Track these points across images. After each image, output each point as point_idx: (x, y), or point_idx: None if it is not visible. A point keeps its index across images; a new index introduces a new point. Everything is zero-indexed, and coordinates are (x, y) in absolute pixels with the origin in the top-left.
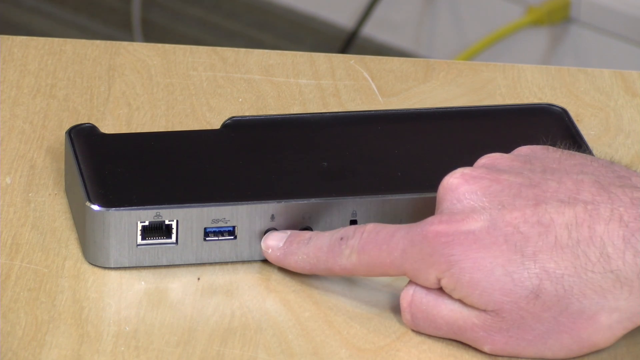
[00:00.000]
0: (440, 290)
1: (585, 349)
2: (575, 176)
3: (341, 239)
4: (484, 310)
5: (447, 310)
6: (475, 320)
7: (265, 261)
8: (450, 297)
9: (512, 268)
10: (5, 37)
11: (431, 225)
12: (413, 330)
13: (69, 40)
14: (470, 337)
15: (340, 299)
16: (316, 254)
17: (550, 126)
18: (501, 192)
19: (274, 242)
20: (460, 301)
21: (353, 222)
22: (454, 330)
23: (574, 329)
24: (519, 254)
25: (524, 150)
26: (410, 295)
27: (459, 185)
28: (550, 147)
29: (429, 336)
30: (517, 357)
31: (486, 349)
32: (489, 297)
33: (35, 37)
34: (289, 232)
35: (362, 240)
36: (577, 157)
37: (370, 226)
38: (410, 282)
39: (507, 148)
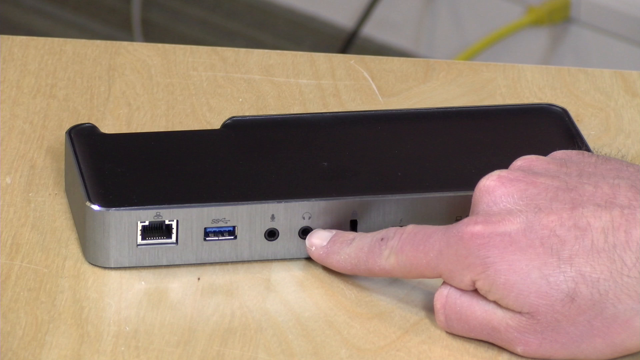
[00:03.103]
0: (475, 291)
1: (618, 353)
2: (611, 180)
3: (382, 239)
4: (519, 312)
5: (481, 311)
6: (509, 322)
7: (265, 261)
8: (484, 298)
9: (548, 271)
10: (5, 37)
11: (467, 227)
12: (448, 333)
13: (69, 40)
14: (504, 339)
15: (340, 299)
16: (357, 255)
17: (550, 126)
18: (538, 195)
19: (318, 241)
20: (495, 303)
21: (353, 222)
22: (487, 331)
23: (608, 333)
24: (555, 257)
25: (559, 154)
26: (444, 297)
27: (496, 188)
28: (585, 152)
29: (429, 336)
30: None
31: (519, 350)
32: (524, 300)
33: (35, 37)
34: (334, 231)
35: (401, 241)
36: (613, 162)
37: (410, 227)
38: (444, 283)
39: (507, 148)
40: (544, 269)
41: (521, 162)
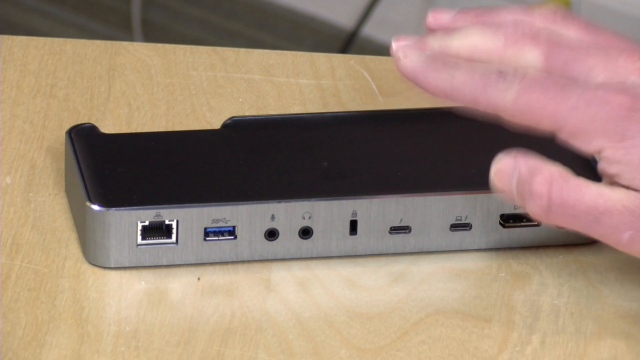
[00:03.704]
0: (580, 177)
1: None
2: None
3: (500, 72)
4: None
5: (591, 194)
6: (626, 202)
7: (265, 261)
8: (594, 182)
9: None
10: (5, 37)
11: (616, 95)
12: (545, 222)
13: (69, 40)
14: (613, 223)
15: (340, 299)
16: (464, 79)
17: None
18: None
19: (413, 52)
20: (607, 185)
21: (353, 222)
22: (593, 216)
23: None
24: None
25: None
26: (548, 181)
27: None
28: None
29: (429, 336)
30: None
31: (626, 236)
32: None
33: (35, 37)
34: (425, 44)
35: (527, 80)
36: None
37: (535, 70)
38: (546, 166)
39: (507, 148)
40: None
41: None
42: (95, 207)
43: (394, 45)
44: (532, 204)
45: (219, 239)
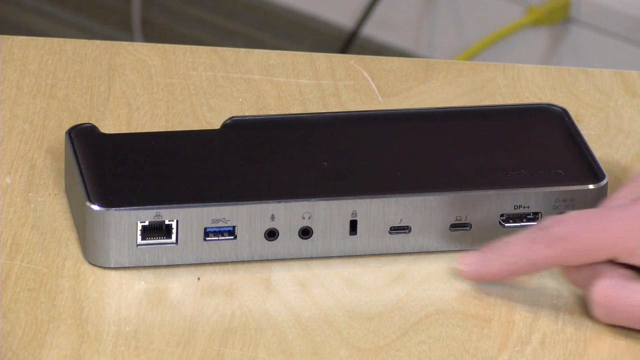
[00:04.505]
0: (635, 279)
1: None
2: None
3: (542, 230)
4: None
5: None
6: None
7: (265, 261)
8: None
9: None
10: (5, 37)
11: None
12: (607, 323)
13: (69, 40)
14: None
15: (340, 299)
16: (517, 252)
17: (550, 126)
18: None
19: (470, 259)
20: None
21: (353, 222)
22: None
23: None
24: None
25: None
26: (605, 289)
27: None
28: None
29: (429, 336)
30: None
31: None
32: None
33: (35, 37)
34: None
35: (567, 225)
36: None
37: (572, 213)
38: (601, 276)
39: (507, 148)
40: None
41: None
42: (95, 207)
43: (461, 265)
44: (595, 311)
45: (218, 239)
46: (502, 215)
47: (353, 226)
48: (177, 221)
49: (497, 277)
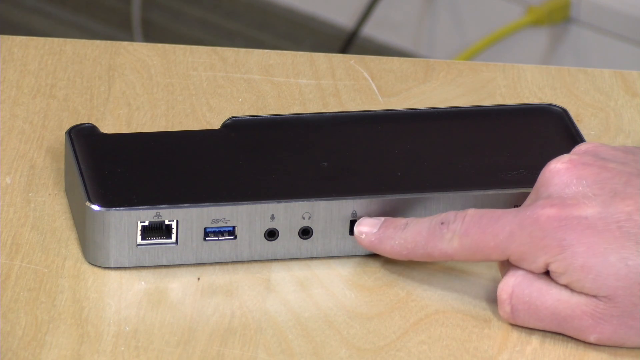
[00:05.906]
0: (543, 280)
1: None
2: None
3: (442, 223)
4: (595, 296)
5: (552, 299)
6: (584, 308)
7: (265, 261)
8: (555, 286)
9: (626, 254)
10: (5, 37)
11: (542, 209)
12: (513, 324)
13: (69, 40)
14: (576, 326)
15: (340, 299)
16: (415, 238)
17: (550, 126)
18: (611, 179)
19: (368, 228)
20: (567, 289)
21: (353, 222)
22: (558, 320)
23: None
24: (632, 241)
25: (614, 147)
26: (510, 287)
27: (567, 171)
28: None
29: (429, 336)
30: (622, 347)
31: (592, 338)
32: (602, 282)
33: (35, 37)
34: (382, 218)
35: (465, 223)
36: None
37: (472, 211)
38: (509, 274)
39: (507, 148)
40: (622, 252)
41: (585, 147)
42: (95, 207)
43: (355, 230)
44: (500, 309)
45: (218, 239)
46: None
47: (353, 226)
48: (177, 221)
49: (390, 256)
